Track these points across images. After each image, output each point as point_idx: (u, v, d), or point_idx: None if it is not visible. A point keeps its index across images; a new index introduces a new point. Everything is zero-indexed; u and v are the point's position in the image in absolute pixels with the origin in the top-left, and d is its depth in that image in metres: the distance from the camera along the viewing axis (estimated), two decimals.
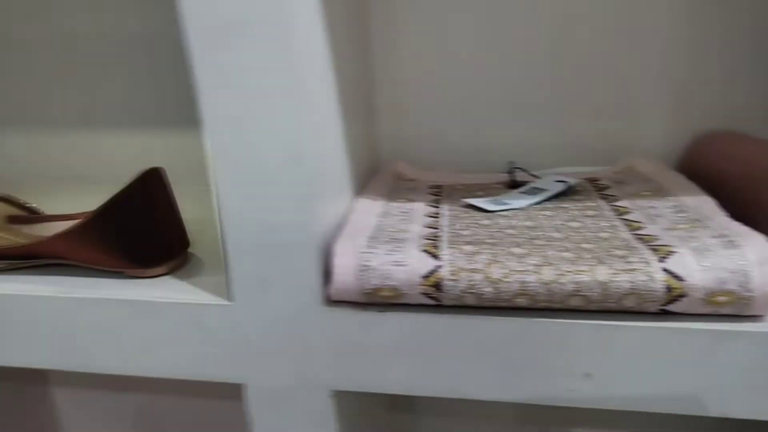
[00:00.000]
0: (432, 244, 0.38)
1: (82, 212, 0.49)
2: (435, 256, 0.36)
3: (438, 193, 0.50)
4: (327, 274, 0.38)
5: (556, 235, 0.39)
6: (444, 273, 0.35)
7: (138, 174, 0.41)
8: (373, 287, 0.36)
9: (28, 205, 0.53)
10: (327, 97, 0.40)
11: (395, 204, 0.47)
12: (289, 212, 0.36)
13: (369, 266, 0.36)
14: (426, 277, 0.35)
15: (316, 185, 0.36)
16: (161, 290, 0.41)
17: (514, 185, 0.50)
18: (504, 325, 0.35)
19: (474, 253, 0.36)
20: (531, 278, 0.34)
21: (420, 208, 0.46)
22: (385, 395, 0.68)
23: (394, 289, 0.35)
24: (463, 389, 0.38)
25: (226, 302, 0.39)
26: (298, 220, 0.36)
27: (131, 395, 0.80)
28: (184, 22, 0.32)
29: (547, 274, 0.34)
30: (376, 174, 0.56)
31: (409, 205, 0.47)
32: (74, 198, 0.63)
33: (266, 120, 0.34)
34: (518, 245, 0.37)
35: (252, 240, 0.37)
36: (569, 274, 0.33)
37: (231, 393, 0.75)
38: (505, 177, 0.53)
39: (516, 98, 0.56)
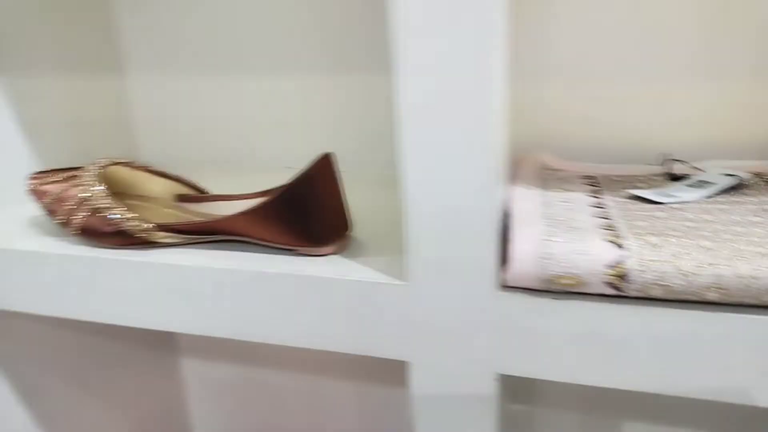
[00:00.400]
0: (613, 233, 0.38)
1: (245, 193, 0.53)
2: (620, 246, 0.36)
3: (594, 184, 0.50)
4: (503, 259, 0.39)
5: (740, 229, 0.38)
6: (631, 263, 0.35)
7: (315, 159, 0.44)
8: (553, 275, 0.36)
9: (195, 185, 0.56)
10: (502, 86, 0.41)
11: (552, 193, 0.47)
12: (471, 197, 0.37)
13: (551, 254, 0.36)
14: (611, 266, 0.35)
15: (496, 171, 0.37)
16: (336, 268, 0.43)
17: (673, 177, 0.49)
18: (692, 318, 0.35)
19: (660, 245, 0.36)
20: (726, 272, 0.33)
21: (581, 198, 0.46)
22: (511, 384, 0.68)
23: (576, 277, 0.36)
24: (636, 381, 0.38)
25: (400, 282, 0.41)
26: (479, 206, 0.37)
27: (259, 370, 0.85)
28: (392, 12, 0.34)
29: (743, 268, 0.33)
30: (516, 163, 0.56)
31: (567, 195, 0.47)
32: (220, 180, 0.67)
33: (458, 107, 0.35)
34: (705, 238, 0.37)
35: (434, 223, 0.38)
36: (766, 269, 0.33)
37: (355, 374, 0.78)
38: (658, 169, 0.52)
39: (665, 88, 0.55)
